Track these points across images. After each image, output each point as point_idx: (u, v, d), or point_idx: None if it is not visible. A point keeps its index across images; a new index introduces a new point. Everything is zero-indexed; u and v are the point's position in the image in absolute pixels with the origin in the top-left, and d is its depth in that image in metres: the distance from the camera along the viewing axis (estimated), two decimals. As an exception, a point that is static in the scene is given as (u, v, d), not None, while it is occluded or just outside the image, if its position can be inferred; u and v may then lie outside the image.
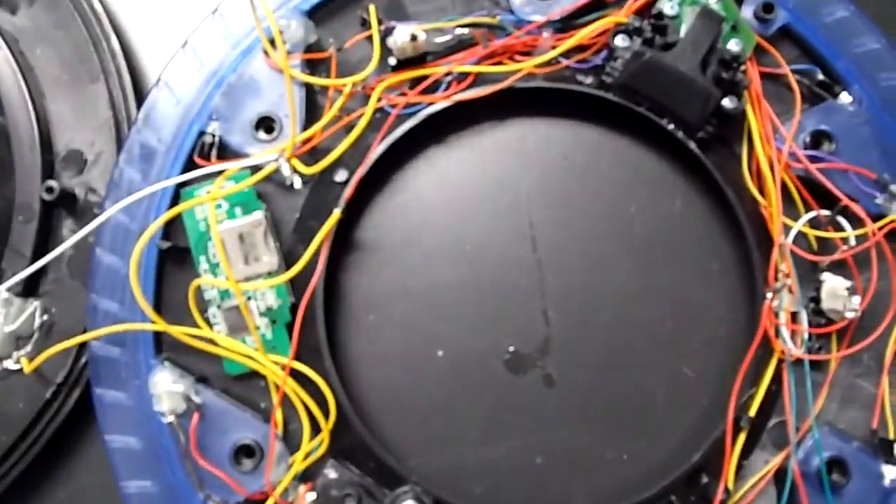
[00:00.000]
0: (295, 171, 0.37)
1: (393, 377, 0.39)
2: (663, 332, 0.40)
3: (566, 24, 0.40)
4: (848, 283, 0.37)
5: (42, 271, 0.39)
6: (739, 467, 0.38)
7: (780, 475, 0.37)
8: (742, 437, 0.37)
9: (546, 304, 0.40)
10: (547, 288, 0.40)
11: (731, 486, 0.37)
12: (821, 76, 0.40)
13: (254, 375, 0.38)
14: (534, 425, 0.39)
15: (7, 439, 0.39)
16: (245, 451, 0.37)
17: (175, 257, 0.39)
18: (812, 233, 0.38)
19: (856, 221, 0.38)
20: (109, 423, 0.37)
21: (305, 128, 0.38)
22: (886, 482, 0.37)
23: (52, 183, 0.39)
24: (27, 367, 0.37)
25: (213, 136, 0.39)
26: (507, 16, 0.40)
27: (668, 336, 0.40)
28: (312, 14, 0.40)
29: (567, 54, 0.39)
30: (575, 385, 0.39)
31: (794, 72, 0.39)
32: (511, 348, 0.39)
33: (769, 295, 0.37)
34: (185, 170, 0.38)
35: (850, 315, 0.37)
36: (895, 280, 0.37)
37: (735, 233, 0.39)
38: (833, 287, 0.37)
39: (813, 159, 0.38)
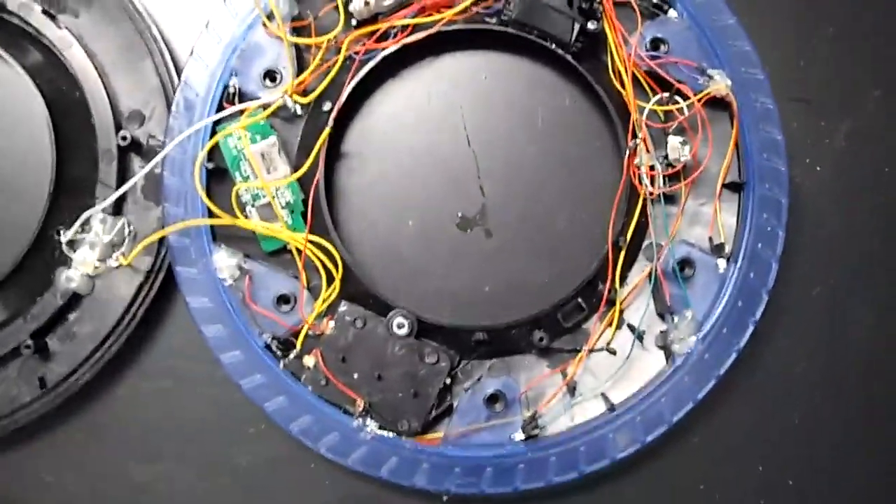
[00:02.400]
0: (295, 101, 0.53)
1: (379, 241, 0.56)
2: (564, 190, 0.56)
3: (474, -19, 0.56)
4: (681, 139, 0.53)
5: (124, 196, 0.54)
6: (624, 276, 0.54)
7: (652, 277, 0.54)
8: (622, 255, 0.53)
9: (481, 181, 0.56)
10: (481, 170, 0.56)
11: (617, 287, 0.53)
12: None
13: (283, 251, 0.54)
14: (480, 264, 0.56)
15: (114, 317, 0.54)
16: (283, 300, 0.53)
17: (217, 176, 0.54)
18: (658, 108, 0.54)
19: (686, 98, 0.54)
20: (188, 290, 0.53)
21: (298, 75, 0.54)
22: (720, 270, 0.53)
23: (124, 133, 0.55)
24: (125, 261, 0.53)
25: (234, 87, 0.54)
26: (431, -20, 0.56)
27: (568, 192, 0.56)
28: (294, -7, 0.56)
29: (476, 3, 0.55)
30: (506, 234, 0.56)
31: (636, -2, 0.56)
32: (459, 214, 0.56)
33: (627, 151, 0.53)
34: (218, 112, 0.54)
35: (684, 159, 0.53)
36: (710, 134, 0.53)
37: (607, 116, 0.55)
38: (673, 143, 0.53)
39: (653, 58, 0.54)
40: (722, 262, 0.53)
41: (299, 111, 0.53)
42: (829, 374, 0.56)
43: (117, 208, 0.55)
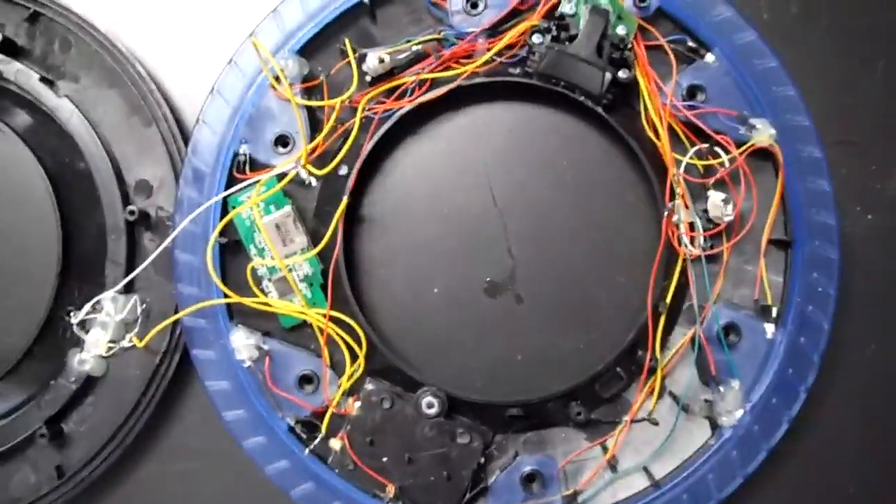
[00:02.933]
0: (310, 173, 0.50)
1: (404, 312, 0.53)
2: (598, 251, 0.53)
3: (494, 31, 0.51)
4: (723, 195, 0.50)
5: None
6: (665, 342, 0.51)
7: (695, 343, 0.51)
8: (662, 320, 0.50)
9: (509, 243, 0.53)
10: (508, 231, 0.53)
11: (658, 354, 0.50)
12: (690, 43, 0.51)
13: (303, 326, 0.51)
14: (512, 332, 0.53)
15: (131, 398, 0.52)
16: (306, 380, 0.51)
17: (231, 249, 0.52)
18: (697, 162, 0.50)
19: (727, 150, 0.51)
20: (206, 373, 0.51)
21: (312, 139, 0.51)
22: (768, 335, 0.50)
23: (132, 207, 0.52)
24: (140, 343, 0.51)
25: (245, 155, 0.51)
26: (448, 30, 0.52)
27: (602, 254, 0.53)
28: (303, 52, 0.52)
29: (498, 54, 0.51)
30: (538, 299, 0.53)
31: (670, 42, 0.51)
32: (487, 279, 0.53)
33: (665, 211, 0.49)
34: (228, 184, 0.51)
35: (727, 218, 0.49)
36: (754, 189, 0.50)
37: (641, 170, 0.52)
38: (714, 200, 0.50)
39: (690, 108, 0.51)
40: (770, 327, 0.50)
41: (314, 183, 0.50)
42: (887, 440, 0.53)
43: (128, 285, 0.52)
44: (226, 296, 0.50)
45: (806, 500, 0.53)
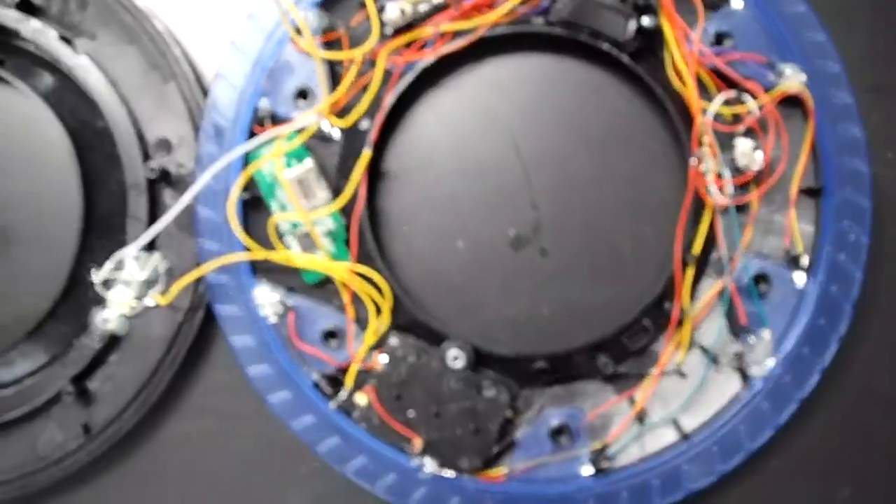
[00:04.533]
0: (332, 124, 0.49)
1: (428, 266, 0.52)
2: (624, 202, 0.52)
3: (517, -21, 0.51)
4: (752, 143, 0.49)
5: (156, 230, 0.52)
6: (693, 293, 0.50)
7: (724, 294, 0.50)
8: (690, 271, 0.50)
9: (533, 195, 0.52)
10: (532, 183, 0.52)
11: (686, 306, 0.49)
12: (717, -12, 0.51)
13: (327, 281, 0.51)
14: (536, 286, 0.52)
15: (155, 356, 0.52)
16: (330, 335, 0.50)
17: (253, 204, 0.51)
18: (725, 109, 0.49)
19: (756, 96, 0.50)
20: (230, 328, 0.50)
21: (332, 91, 0.51)
22: (798, 285, 0.49)
23: (152, 164, 0.51)
24: (163, 301, 0.50)
25: (265, 109, 0.51)
26: (470, -20, 0.51)
27: (628, 204, 0.52)
28: (323, 4, 0.51)
29: (521, 3, 0.50)
30: (563, 252, 0.52)
31: (696, -13, 0.50)
32: (512, 232, 0.52)
33: (692, 161, 0.49)
34: (249, 138, 0.51)
35: (756, 167, 0.48)
36: (784, 137, 0.49)
37: (667, 119, 0.51)
38: (743, 148, 0.49)
39: (718, 54, 0.50)
40: (800, 276, 0.49)
41: (336, 136, 0.50)
42: (921, 391, 0.52)
43: (151, 243, 0.52)
44: (249, 250, 0.49)
45: (839, 451, 0.52)
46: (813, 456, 0.52)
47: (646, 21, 0.49)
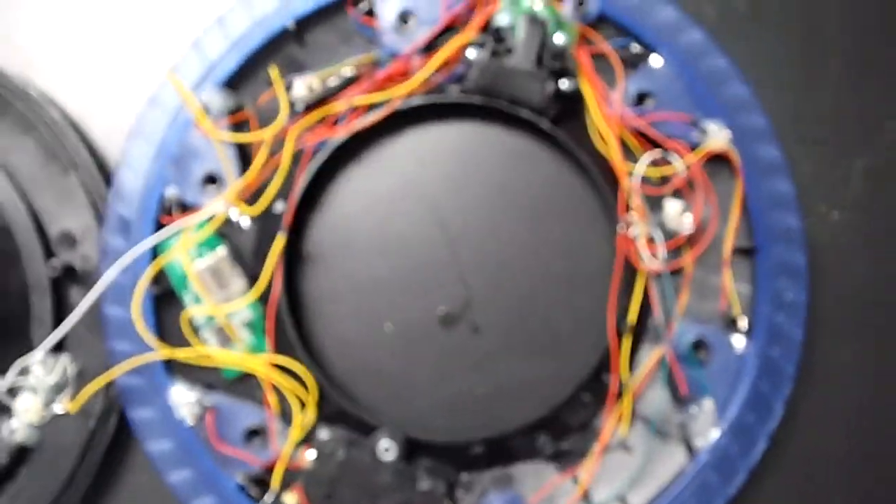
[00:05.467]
0: (241, 212, 0.47)
1: (355, 352, 0.50)
2: (556, 274, 0.50)
3: (429, 48, 0.49)
4: (680, 205, 0.47)
5: (63, 331, 0.49)
6: (632, 363, 0.48)
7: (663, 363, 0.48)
8: (627, 341, 0.48)
9: (462, 270, 0.50)
10: (460, 258, 0.50)
11: (624, 377, 0.47)
12: (635, 47, 0.49)
13: (248, 376, 0.48)
14: (470, 365, 0.50)
15: (67, 467, 0.48)
16: (254, 433, 0.47)
17: (166, 298, 0.48)
18: (652, 171, 0.48)
19: (682, 156, 0.48)
20: (146, 433, 0.47)
21: (244, 174, 0.48)
22: (738, 349, 0.48)
23: (55, 261, 0.48)
24: (73, 407, 0.47)
25: (172, 198, 0.48)
26: (380, 51, 0.49)
27: (560, 276, 0.50)
28: (229, 84, 0.49)
29: (435, 73, 0.49)
30: (496, 328, 0.50)
31: (613, 47, 0.49)
32: (441, 310, 0.50)
33: (619, 227, 0.47)
34: (156, 229, 0.48)
35: (686, 230, 0.47)
36: (711, 196, 0.47)
37: (593, 184, 0.49)
38: (671, 211, 0.47)
39: (639, 114, 0.48)
40: (740, 339, 0.47)
41: (244, 223, 0.47)
42: (873, 446, 0.50)
43: (58, 345, 0.48)
44: (165, 350, 0.46)
45: (792, 518, 0.50)
46: (768, 525, 0.50)
47: (564, 84, 0.48)
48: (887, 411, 0.50)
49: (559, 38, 0.48)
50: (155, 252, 0.48)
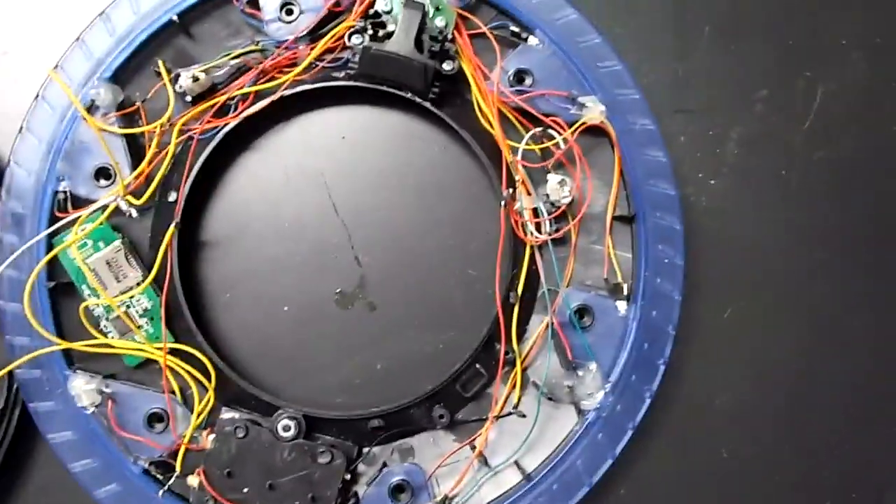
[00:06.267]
0: (130, 204, 0.48)
1: (255, 334, 0.51)
2: (448, 248, 0.52)
3: (314, 36, 0.50)
4: (559, 177, 0.49)
5: (-37, 329, 0.49)
6: (523, 333, 0.50)
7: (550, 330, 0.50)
8: (515, 310, 0.49)
9: (356, 251, 0.52)
10: (353, 238, 0.52)
11: (515, 346, 0.49)
12: (513, 27, 0.51)
13: (149, 363, 0.49)
14: (368, 342, 0.51)
15: (-27, 461, 0.49)
16: (156, 419, 0.48)
17: (63, 291, 0.49)
18: (533, 147, 0.49)
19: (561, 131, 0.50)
20: (47, 425, 0.48)
21: (135, 168, 0.49)
22: (621, 313, 0.50)
23: (-49, 260, 0.49)
24: (-28, 404, 0.48)
25: (65, 192, 0.49)
26: (267, 40, 0.50)
27: (451, 250, 0.52)
28: (117, 78, 0.49)
29: (320, 59, 0.50)
30: (391, 305, 0.52)
31: (492, 28, 0.50)
32: (337, 290, 0.51)
33: (504, 200, 0.49)
34: (51, 224, 0.49)
35: (565, 201, 0.49)
36: (587, 168, 0.49)
37: (479, 161, 0.51)
38: (552, 183, 0.49)
39: (518, 93, 0.50)
40: (622, 304, 0.50)
41: (135, 214, 0.48)
42: (753, 401, 0.53)
43: (-43, 343, 0.49)
44: (59, 342, 0.47)
45: (679, 472, 0.52)
46: (658, 481, 0.52)
47: (445, 66, 0.49)
48: (763, 364, 0.53)
49: (439, 21, 0.49)
50: (51, 247, 0.48)
